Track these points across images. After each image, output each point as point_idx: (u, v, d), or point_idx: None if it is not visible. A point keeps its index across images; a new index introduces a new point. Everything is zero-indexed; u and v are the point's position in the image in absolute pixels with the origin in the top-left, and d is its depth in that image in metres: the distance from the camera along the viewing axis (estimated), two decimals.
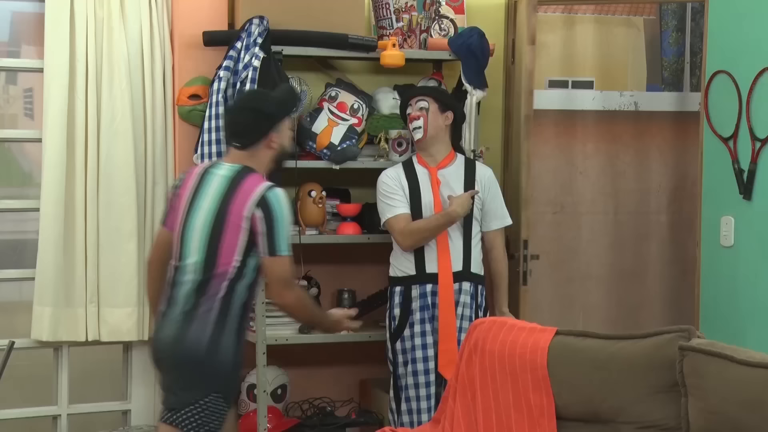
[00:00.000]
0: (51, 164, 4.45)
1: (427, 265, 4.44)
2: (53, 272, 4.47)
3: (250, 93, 4.16)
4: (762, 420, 2.91)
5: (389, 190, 4.47)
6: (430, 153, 4.52)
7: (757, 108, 4.58)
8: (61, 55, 4.45)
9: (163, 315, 3.63)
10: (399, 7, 4.77)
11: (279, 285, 3.60)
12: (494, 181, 4.59)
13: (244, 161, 3.65)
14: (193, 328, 3.53)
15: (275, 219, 3.54)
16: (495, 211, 4.56)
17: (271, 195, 3.56)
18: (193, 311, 3.55)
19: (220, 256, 3.56)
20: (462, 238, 4.47)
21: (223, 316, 3.55)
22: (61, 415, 4.69)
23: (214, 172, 3.66)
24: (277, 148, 3.70)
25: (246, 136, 3.65)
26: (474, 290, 4.48)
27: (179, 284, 3.61)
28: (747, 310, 4.63)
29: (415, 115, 4.46)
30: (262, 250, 3.54)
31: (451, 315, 4.41)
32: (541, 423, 3.39)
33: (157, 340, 3.64)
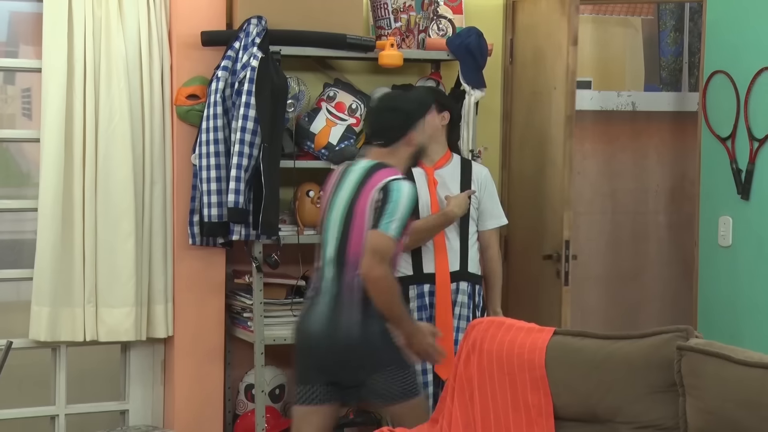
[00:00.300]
0: (49, 164, 4.45)
1: (425, 265, 4.44)
2: (51, 272, 4.46)
3: (390, 94, 4.32)
4: (760, 420, 2.91)
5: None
6: (426, 153, 4.51)
7: (755, 108, 4.59)
8: (59, 55, 4.44)
9: (311, 304, 3.92)
10: (397, 7, 4.77)
11: (372, 256, 3.71)
12: (490, 181, 4.59)
13: (382, 158, 3.90)
14: (343, 316, 3.81)
15: (390, 201, 3.74)
16: (491, 211, 4.56)
17: (394, 183, 3.79)
18: (338, 300, 3.82)
19: (350, 246, 3.81)
20: (459, 238, 4.47)
21: (365, 303, 3.78)
22: (59, 415, 4.69)
23: (352, 169, 3.93)
24: (415, 145, 3.95)
25: (387, 135, 3.91)
26: (471, 290, 4.48)
27: (323, 275, 3.92)
28: (745, 310, 4.64)
29: None
30: (369, 224, 3.74)
31: (448, 315, 4.41)
32: (539, 423, 3.39)
33: (307, 330, 3.90)
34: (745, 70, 4.62)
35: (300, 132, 4.65)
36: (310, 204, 4.65)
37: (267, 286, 4.59)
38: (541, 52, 4.92)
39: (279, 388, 4.87)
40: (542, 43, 4.90)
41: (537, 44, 4.96)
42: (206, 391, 4.72)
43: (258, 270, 4.53)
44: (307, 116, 4.68)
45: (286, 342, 4.64)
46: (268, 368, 4.75)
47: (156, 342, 4.77)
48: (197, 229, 4.60)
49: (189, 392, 4.68)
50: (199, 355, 4.69)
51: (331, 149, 4.63)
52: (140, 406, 4.80)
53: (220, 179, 4.47)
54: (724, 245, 4.76)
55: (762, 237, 4.55)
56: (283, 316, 4.66)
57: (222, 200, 4.46)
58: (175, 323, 4.67)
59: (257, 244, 4.53)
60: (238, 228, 4.48)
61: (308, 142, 4.65)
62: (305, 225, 4.67)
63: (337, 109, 4.68)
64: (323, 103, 4.70)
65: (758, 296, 4.56)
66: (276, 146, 4.45)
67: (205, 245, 4.64)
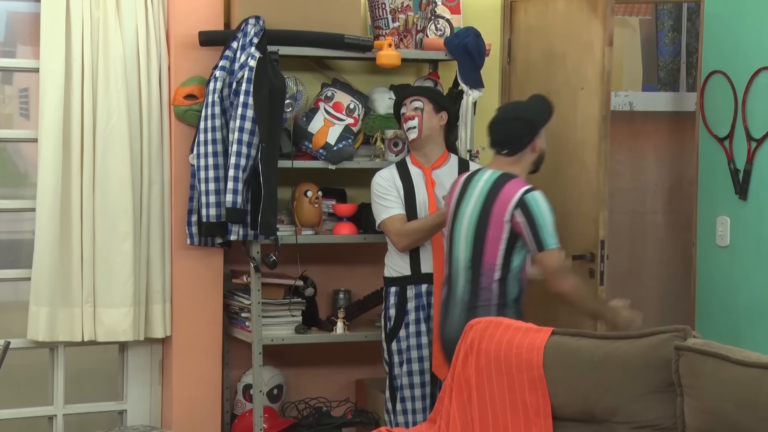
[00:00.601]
0: (47, 164, 4.45)
1: (423, 265, 4.44)
2: (49, 272, 4.46)
3: (512, 105, 4.44)
4: (758, 419, 2.91)
5: (383, 191, 4.46)
6: (423, 153, 4.51)
7: (752, 108, 4.59)
8: (56, 55, 4.44)
9: (446, 310, 4.10)
10: (395, 7, 4.77)
11: (552, 276, 3.98)
12: None
13: (507, 167, 4.07)
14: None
15: (535, 218, 3.94)
16: None
17: (529, 197, 3.95)
18: (474, 305, 4.00)
19: (485, 255, 4.00)
20: None
21: (501, 308, 3.99)
22: (57, 415, 4.69)
23: (477, 178, 4.08)
24: (538, 152, 4.12)
25: (513, 144, 4.07)
26: None
27: (455, 282, 4.08)
28: (743, 310, 4.64)
29: (409, 115, 4.45)
30: (531, 248, 3.97)
31: None
32: (536, 423, 3.39)
33: (448, 333, 4.05)
34: (742, 70, 4.62)
35: (298, 132, 4.65)
36: (308, 204, 4.65)
37: (265, 286, 4.59)
38: (555, 53, 4.89)
39: (277, 388, 4.87)
40: (558, 43, 4.87)
41: (549, 45, 4.92)
42: (204, 391, 4.72)
43: (256, 270, 4.53)
44: (305, 116, 4.68)
45: (284, 342, 4.65)
46: (266, 368, 4.75)
47: (154, 342, 4.77)
48: (195, 229, 4.60)
49: (187, 392, 4.68)
50: (197, 355, 4.69)
51: (329, 149, 4.63)
52: (138, 406, 4.80)
53: (218, 179, 4.47)
54: (722, 245, 4.76)
55: (760, 237, 4.55)
56: (281, 316, 4.66)
57: (220, 200, 4.46)
58: (173, 323, 4.67)
59: (255, 244, 4.53)
60: (236, 228, 4.47)
61: (306, 142, 4.65)
62: (303, 225, 4.67)
63: (335, 109, 4.68)
64: (321, 103, 4.70)
65: (756, 296, 4.57)
66: (274, 146, 4.45)
67: (203, 245, 4.64)
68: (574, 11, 4.76)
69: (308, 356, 5.04)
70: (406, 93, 4.55)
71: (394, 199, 4.45)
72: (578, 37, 4.72)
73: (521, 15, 5.12)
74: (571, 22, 4.78)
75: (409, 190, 4.46)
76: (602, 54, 4.57)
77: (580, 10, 4.73)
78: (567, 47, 4.80)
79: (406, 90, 4.63)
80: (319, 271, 4.89)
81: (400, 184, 4.46)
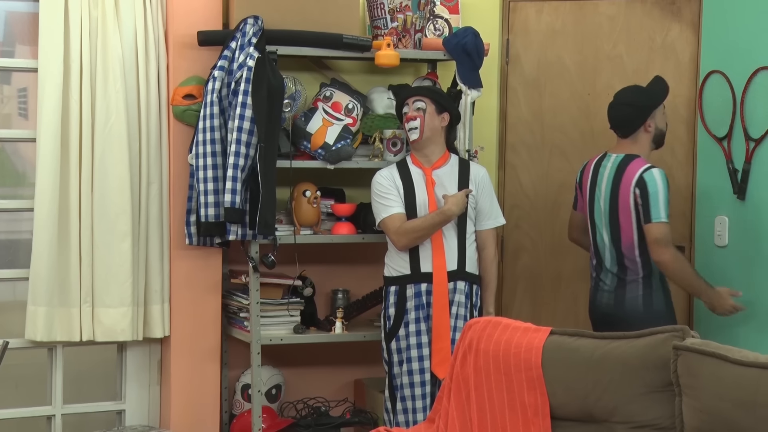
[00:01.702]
0: (45, 164, 4.44)
1: (422, 264, 4.44)
2: (47, 272, 4.46)
3: (626, 90, 4.56)
4: (756, 419, 2.91)
5: (383, 190, 4.47)
6: (424, 153, 4.51)
7: (751, 108, 4.59)
8: (55, 55, 4.44)
9: (596, 287, 4.50)
10: (394, 6, 4.77)
11: (654, 245, 4.29)
12: (488, 181, 4.59)
13: (626, 149, 4.43)
14: (627, 292, 4.37)
15: (649, 192, 4.27)
16: (488, 211, 4.56)
17: (647, 175, 4.30)
18: (622, 279, 4.39)
19: (622, 232, 4.37)
20: (457, 237, 4.47)
21: (647, 279, 4.37)
22: (56, 415, 4.69)
23: (605, 164, 4.45)
24: (653, 132, 4.43)
25: (625, 127, 4.42)
26: (469, 289, 4.48)
27: (601, 260, 4.47)
28: (745, 313, 4.64)
29: (411, 116, 4.45)
30: (643, 219, 4.29)
31: (445, 314, 4.41)
32: (535, 422, 3.39)
33: (599, 306, 4.48)
34: (741, 70, 4.62)
35: (296, 132, 4.65)
36: (306, 204, 4.65)
37: (263, 286, 4.59)
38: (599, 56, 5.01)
39: (275, 388, 4.87)
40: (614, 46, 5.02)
41: (593, 48, 5.03)
42: (203, 391, 4.72)
43: (254, 270, 4.53)
44: (303, 116, 4.68)
45: (282, 342, 4.64)
46: (265, 368, 4.75)
47: (152, 342, 4.77)
48: (194, 229, 4.59)
49: (185, 392, 4.68)
50: (196, 355, 4.69)
51: (327, 149, 4.63)
52: (137, 406, 4.80)
53: (216, 179, 4.47)
54: (721, 245, 4.76)
55: (758, 237, 4.56)
56: (280, 315, 4.66)
57: (219, 200, 4.46)
58: (171, 323, 4.67)
59: (254, 244, 4.53)
60: (234, 228, 4.47)
61: (305, 141, 4.65)
62: (302, 225, 4.67)
63: (334, 108, 4.68)
64: (320, 103, 4.70)
65: (754, 296, 4.57)
66: (272, 146, 4.45)
67: (202, 245, 4.64)
68: (632, 14, 4.98)
69: (307, 356, 5.04)
70: (409, 93, 4.55)
71: (395, 198, 4.45)
72: (648, 40, 4.98)
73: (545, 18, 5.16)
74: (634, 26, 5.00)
75: (409, 189, 4.46)
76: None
77: (645, 14, 4.97)
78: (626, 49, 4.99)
79: (409, 90, 4.62)
80: (317, 271, 4.89)
81: (401, 184, 4.46)
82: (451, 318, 4.43)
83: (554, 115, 5.20)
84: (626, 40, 5.12)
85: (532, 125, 5.23)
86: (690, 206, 4.97)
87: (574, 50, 5.18)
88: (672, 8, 5.05)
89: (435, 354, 4.39)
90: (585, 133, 5.18)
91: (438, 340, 4.39)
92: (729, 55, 4.74)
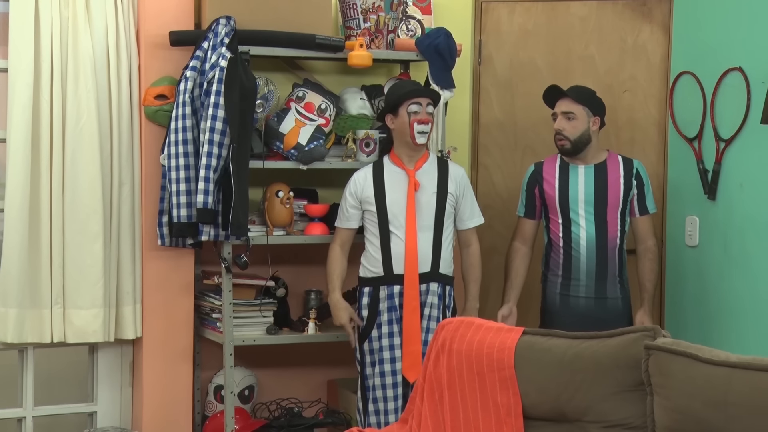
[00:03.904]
0: (16, 165, 4.41)
1: (395, 266, 4.44)
2: (18, 273, 4.43)
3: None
4: (726, 418, 2.93)
5: (348, 200, 4.50)
6: (412, 154, 4.51)
7: (721, 109, 4.62)
8: (25, 54, 4.41)
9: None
10: (366, 7, 4.77)
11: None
12: (467, 181, 4.61)
13: None
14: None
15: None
16: (471, 210, 4.58)
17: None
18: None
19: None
20: (432, 238, 4.46)
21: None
22: (26, 417, 4.66)
23: None
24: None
25: None
26: (442, 291, 4.49)
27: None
28: (712, 310, 4.67)
29: (424, 119, 4.42)
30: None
31: (416, 318, 4.41)
32: (508, 422, 3.40)
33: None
34: (711, 71, 4.66)
35: (269, 132, 4.64)
36: (279, 204, 4.64)
37: (236, 287, 4.58)
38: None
39: (248, 389, 4.86)
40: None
41: (564, 49, 5.08)
42: (175, 392, 4.70)
43: (227, 271, 4.51)
44: (276, 116, 4.67)
45: (255, 343, 4.63)
46: (238, 369, 4.74)
47: (124, 343, 4.75)
48: (166, 229, 4.58)
49: (158, 394, 4.66)
50: (168, 356, 4.67)
51: (300, 149, 4.63)
52: (108, 407, 4.77)
53: (189, 180, 4.46)
54: (691, 245, 4.79)
55: (728, 236, 4.59)
56: (253, 316, 4.65)
57: (191, 201, 4.44)
58: (143, 324, 4.65)
59: (226, 245, 4.52)
60: (207, 228, 4.46)
61: (277, 142, 4.64)
62: (274, 225, 4.66)
63: (306, 109, 4.68)
64: (292, 104, 4.69)
65: (725, 295, 4.60)
66: (245, 146, 4.44)
67: (174, 246, 4.62)
68: (613, 18, 4.83)
69: (280, 357, 5.03)
70: (422, 93, 4.45)
71: (353, 212, 4.49)
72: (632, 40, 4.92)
73: (517, 19, 5.15)
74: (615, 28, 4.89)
75: (380, 190, 4.46)
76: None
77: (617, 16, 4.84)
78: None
79: (421, 90, 4.48)
80: (290, 272, 4.89)
81: (371, 185, 4.46)
82: (423, 320, 4.43)
83: (526, 115, 5.21)
84: (598, 40, 5.14)
85: (504, 126, 5.25)
86: (661, 206, 4.99)
87: (546, 51, 5.20)
88: (643, 9, 5.08)
89: (406, 357, 4.39)
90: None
91: (409, 344, 4.39)
92: (699, 56, 4.77)
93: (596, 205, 4.51)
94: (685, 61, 4.85)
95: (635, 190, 4.54)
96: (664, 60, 5.04)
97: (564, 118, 4.53)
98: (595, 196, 4.52)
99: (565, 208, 4.55)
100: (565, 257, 4.55)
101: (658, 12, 5.05)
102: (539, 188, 4.62)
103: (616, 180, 4.53)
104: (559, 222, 4.57)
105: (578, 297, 4.53)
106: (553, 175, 4.60)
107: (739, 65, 4.48)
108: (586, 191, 4.53)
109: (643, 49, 5.08)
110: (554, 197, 4.57)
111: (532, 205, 4.66)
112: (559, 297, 4.58)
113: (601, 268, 4.51)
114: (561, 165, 4.60)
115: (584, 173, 4.56)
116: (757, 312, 4.42)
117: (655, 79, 5.05)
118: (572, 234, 4.53)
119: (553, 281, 4.61)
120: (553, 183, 4.58)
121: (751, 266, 4.46)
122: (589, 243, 4.51)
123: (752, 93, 4.41)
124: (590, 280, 4.51)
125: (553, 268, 4.61)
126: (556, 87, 4.62)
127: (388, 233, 4.43)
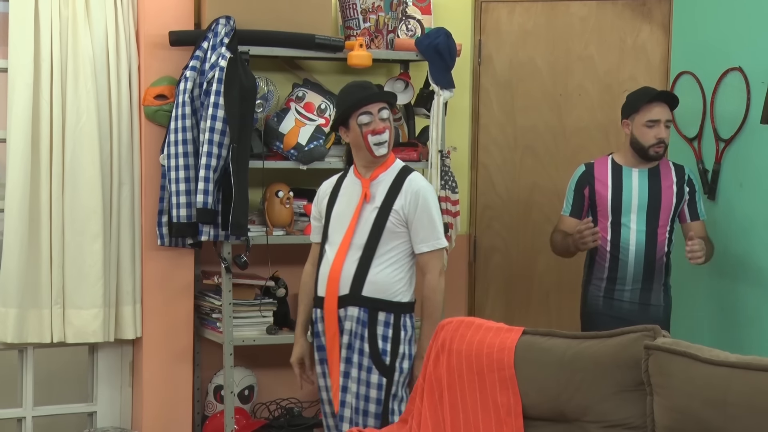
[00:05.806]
0: (16, 165, 4.42)
1: (319, 287, 4.00)
2: (18, 273, 4.43)
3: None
4: (726, 418, 2.94)
5: (312, 214, 4.18)
6: (369, 164, 3.98)
7: (721, 109, 4.63)
8: (25, 54, 4.41)
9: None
10: (366, 7, 4.77)
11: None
12: (425, 198, 3.91)
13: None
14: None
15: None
16: (423, 233, 3.91)
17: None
18: None
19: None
20: (359, 257, 3.89)
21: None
22: (26, 417, 4.66)
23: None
24: (629, 135, 4.42)
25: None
26: (368, 317, 3.88)
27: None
28: (712, 310, 4.67)
29: (378, 129, 3.89)
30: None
31: (335, 345, 3.94)
32: (508, 422, 3.40)
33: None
34: (711, 71, 4.66)
35: (269, 132, 4.64)
36: (279, 204, 4.64)
37: (236, 287, 4.58)
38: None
39: (248, 389, 4.86)
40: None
41: (564, 49, 5.07)
42: (175, 392, 4.70)
43: (227, 271, 4.52)
44: (276, 116, 4.68)
45: (255, 343, 4.63)
46: (237, 369, 4.74)
47: (124, 343, 4.75)
48: (166, 229, 4.58)
49: (158, 394, 4.66)
50: (168, 356, 4.68)
51: (300, 149, 4.63)
52: (108, 407, 4.77)
53: (188, 180, 4.46)
54: None
55: (728, 236, 4.59)
56: (252, 316, 4.65)
57: (191, 201, 4.45)
58: (143, 324, 4.65)
59: (226, 245, 4.52)
60: (206, 228, 4.46)
61: (277, 142, 4.65)
62: (274, 225, 4.66)
63: (306, 109, 4.68)
64: (292, 104, 4.70)
65: (725, 296, 4.60)
66: (245, 146, 4.44)
67: (174, 246, 4.63)
68: (612, 17, 4.82)
69: (279, 357, 5.02)
70: (369, 99, 3.90)
71: (316, 224, 4.12)
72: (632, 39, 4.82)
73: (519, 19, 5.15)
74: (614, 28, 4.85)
75: (332, 203, 4.04)
76: None
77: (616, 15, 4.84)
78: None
79: (366, 95, 3.91)
80: (290, 272, 4.88)
81: (327, 197, 4.07)
82: (342, 348, 3.92)
83: (526, 115, 5.22)
84: (597, 40, 5.14)
85: (504, 125, 5.25)
86: None
87: (545, 51, 5.20)
88: (643, 9, 5.09)
89: (333, 385, 4.00)
90: (557, 133, 5.20)
91: (331, 373, 3.99)
92: (699, 56, 4.77)
93: (649, 211, 4.40)
94: (685, 61, 4.86)
95: (687, 196, 4.44)
96: (663, 60, 5.04)
97: (665, 126, 4.39)
98: (649, 201, 4.40)
99: (617, 212, 4.41)
100: (611, 261, 4.41)
101: (658, 12, 5.05)
102: (590, 189, 4.46)
103: (669, 186, 4.42)
104: (608, 225, 4.43)
105: (622, 301, 4.42)
106: (605, 176, 4.45)
107: (739, 65, 4.48)
108: (639, 195, 4.40)
109: (643, 49, 5.09)
110: (606, 199, 4.43)
111: (580, 205, 4.49)
112: (602, 300, 4.44)
113: (648, 275, 4.40)
114: (613, 167, 4.46)
115: (638, 177, 4.42)
116: (757, 312, 4.42)
117: (655, 79, 5.05)
118: (621, 238, 4.39)
119: (596, 285, 4.46)
120: (606, 184, 4.44)
121: (751, 266, 4.46)
122: (638, 248, 4.38)
123: (752, 93, 4.41)
124: (636, 286, 4.40)
125: (597, 272, 4.46)
126: (670, 93, 4.49)
127: (324, 250, 4.01)
